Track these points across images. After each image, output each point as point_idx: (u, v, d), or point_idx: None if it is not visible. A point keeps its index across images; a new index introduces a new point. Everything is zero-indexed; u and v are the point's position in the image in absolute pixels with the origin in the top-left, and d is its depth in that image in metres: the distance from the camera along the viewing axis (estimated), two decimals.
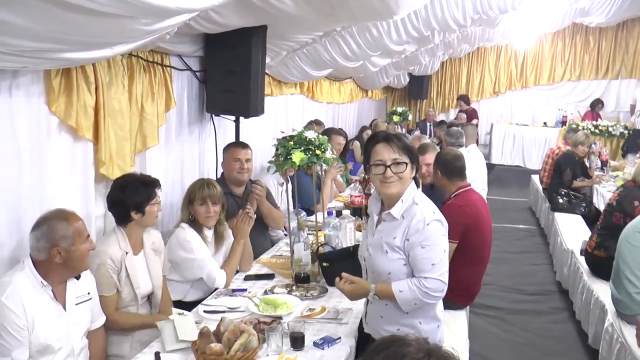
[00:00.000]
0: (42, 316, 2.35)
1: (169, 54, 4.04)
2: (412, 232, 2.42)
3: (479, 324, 4.94)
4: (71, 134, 3.06)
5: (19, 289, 2.31)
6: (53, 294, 2.41)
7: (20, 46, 2.11)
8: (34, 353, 2.31)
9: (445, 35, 8.49)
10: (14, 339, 2.25)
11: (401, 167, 2.41)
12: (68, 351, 2.44)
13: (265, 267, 3.74)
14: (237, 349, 2.28)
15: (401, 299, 2.41)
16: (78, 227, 2.47)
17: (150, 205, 2.94)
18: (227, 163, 4.11)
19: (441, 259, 2.42)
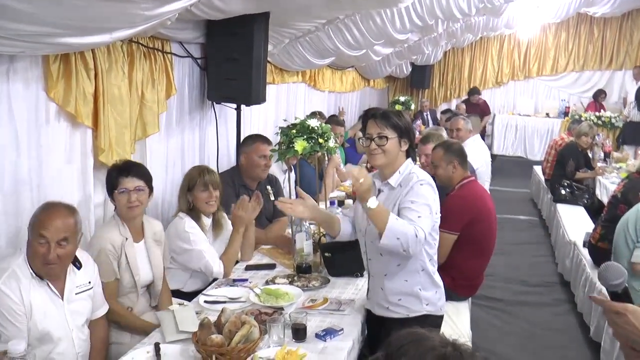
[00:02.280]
0: (39, 304, 2.32)
1: (170, 41, 3.98)
2: (405, 193, 2.52)
3: (480, 315, 4.92)
4: (70, 121, 3.02)
5: (15, 276, 2.28)
6: (49, 285, 2.37)
7: (19, 30, 2.06)
8: (33, 341, 2.28)
9: (448, 24, 8.40)
10: (11, 324, 2.23)
11: (383, 141, 2.55)
12: (68, 340, 2.41)
13: (267, 257, 3.70)
14: (238, 340, 2.25)
15: (392, 224, 2.35)
16: (41, 221, 2.32)
17: (118, 193, 2.83)
18: (251, 157, 4.04)
19: (427, 216, 2.47)
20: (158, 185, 3.94)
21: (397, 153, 2.59)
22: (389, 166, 2.62)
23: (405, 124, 2.61)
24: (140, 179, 2.86)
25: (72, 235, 2.33)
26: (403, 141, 2.60)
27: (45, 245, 2.26)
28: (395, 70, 11.48)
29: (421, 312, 2.63)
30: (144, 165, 3.02)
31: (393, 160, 2.60)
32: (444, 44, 11.03)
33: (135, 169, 2.88)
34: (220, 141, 4.83)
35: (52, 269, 2.31)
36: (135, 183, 2.83)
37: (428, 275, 2.66)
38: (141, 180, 2.86)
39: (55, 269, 2.32)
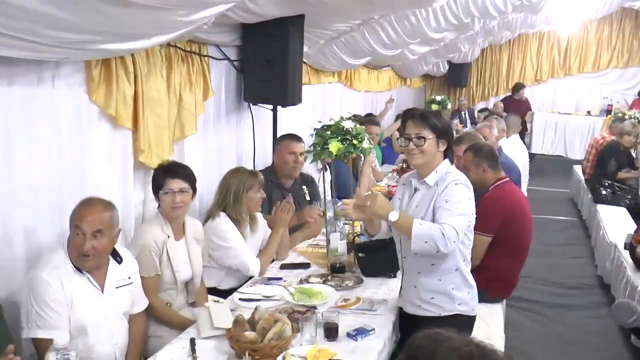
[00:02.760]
0: (79, 295, 2.41)
1: (207, 44, 4.07)
2: (441, 191, 2.56)
3: (515, 317, 4.87)
4: (111, 123, 3.13)
5: (58, 268, 2.39)
6: (90, 277, 2.47)
7: (61, 38, 2.16)
8: (73, 331, 2.37)
9: (485, 22, 8.31)
10: (54, 312, 2.32)
11: (421, 141, 2.59)
12: (107, 332, 2.51)
13: (302, 256, 3.75)
14: (270, 337, 2.30)
15: (417, 230, 2.43)
16: (78, 214, 2.42)
17: (163, 193, 2.93)
18: (281, 155, 4.13)
19: (460, 214, 2.51)
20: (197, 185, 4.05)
21: (434, 153, 2.62)
22: (427, 166, 2.65)
23: (443, 124, 2.64)
24: (185, 181, 2.95)
25: (107, 228, 2.42)
26: (441, 142, 2.63)
27: (81, 236, 2.37)
28: (432, 68, 11.42)
29: (454, 311, 2.65)
30: (189, 167, 3.10)
31: (431, 160, 2.63)
32: (481, 41, 10.91)
33: (181, 171, 2.98)
34: (257, 142, 4.91)
35: (87, 261, 2.40)
36: (180, 185, 2.92)
37: (462, 275, 2.68)
38: (186, 182, 2.96)
39: (91, 261, 2.42)
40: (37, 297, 2.32)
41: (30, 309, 2.32)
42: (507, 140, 5.65)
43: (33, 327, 2.30)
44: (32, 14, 1.91)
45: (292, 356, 2.32)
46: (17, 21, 1.93)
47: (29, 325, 2.32)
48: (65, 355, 1.76)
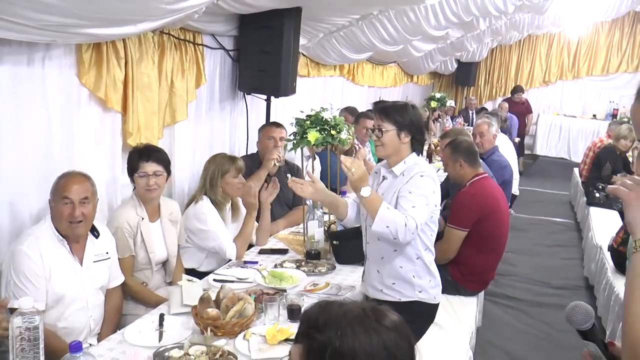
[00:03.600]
0: (58, 267, 2.53)
1: (202, 33, 4.17)
2: (406, 181, 2.65)
3: (497, 313, 4.96)
4: (100, 106, 3.25)
5: (39, 240, 2.51)
6: (70, 249, 2.59)
7: (46, 21, 2.26)
8: (50, 302, 2.50)
9: (491, 21, 8.34)
10: (31, 284, 2.44)
11: (380, 133, 2.72)
12: (82, 304, 2.63)
13: (282, 242, 3.86)
14: (232, 315, 2.42)
15: (382, 212, 2.51)
16: (63, 185, 2.55)
17: (138, 176, 3.05)
18: (262, 141, 4.24)
19: (422, 207, 2.58)
20: (184, 169, 4.17)
21: (397, 145, 2.71)
22: (393, 156, 2.75)
23: (407, 117, 2.71)
24: (159, 164, 3.07)
25: (91, 195, 2.59)
26: (403, 133, 2.70)
27: (70, 205, 2.51)
28: (439, 66, 11.44)
29: (413, 298, 2.74)
30: (163, 151, 3.21)
31: (394, 152, 2.73)
32: (489, 41, 10.92)
33: (155, 154, 3.09)
34: (251, 131, 5.01)
35: (79, 227, 2.55)
36: (154, 168, 3.04)
37: (423, 264, 2.76)
38: (160, 165, 3.07)
39: (82, 227, 2.57)
40: (16, 269, 2.45)
41: (9, 280, 2.45)
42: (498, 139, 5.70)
43: (11, 298, 2.39)
44: None
45: (253, 334, 2.43)
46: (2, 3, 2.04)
47: (6, 295, 2.43)
48: (31, 319, 1.87)
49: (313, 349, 1.27)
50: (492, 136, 5.49)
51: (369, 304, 1.36)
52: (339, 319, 1.27)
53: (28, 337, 1.85)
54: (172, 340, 2.37)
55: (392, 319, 1.31)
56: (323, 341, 1.25)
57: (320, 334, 1.26)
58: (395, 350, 1.26)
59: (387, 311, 1.33)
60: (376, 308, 1.33)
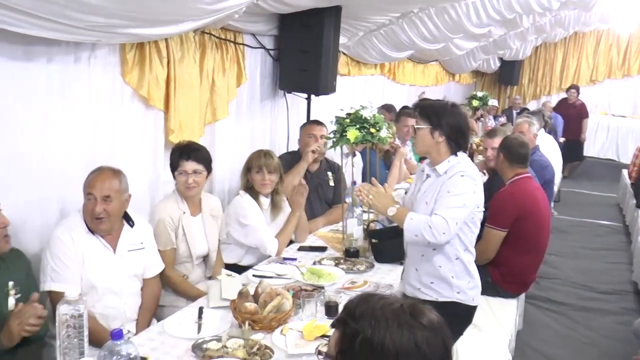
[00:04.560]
0: (91, 255, 2.61)
1: (243, 33, 4.23)
2: (446, 180, 2.64)
3: (538, 316, 4.87)
4: (143, 103, 3.34)
5: (72, 228, 2.61)
6: (102, 239, 2.67)
7: (91, 22, 2.34)
8: (84, 288, 2.57)
9: (535, 18, 8.18)
10: (66, 267, 2.53)
11: (413, 131, 2.79)
12: (116, 292, 2.70)
13: (321, 240, 3.88)
14: (269, 310, 2.44)
15: (408, 225, 2.59)
16: (90, 181, 2.60)
17: (178, 173, 3.11)
18: (302, 139, 4.27)
19: (457, 206, 2.58)
20: (225, 166, 4.24)
21: (430, 143, 2.70)
22: (431, 154, 2.75)
23: (444, 118, 2.69)
24: (199, 163, 3.12)
25: (116, 193, 2.62)
26: (437, 133, 2.69)
27: (93, 201, 2.58)
28: (482, 64, 11.29)
29: (451, 298, 2.71)
30: (204, 149, 3.26)
31: (429, 150, 2.73)
32: (533, 38, 10.70)
33: (195, 153, 3.14)
34: (291, 129, 5.05)
35: (101, 223, 2.60)
36: (193, 166, 3.10)
37: (462, 265, 2.72)
38: (200, 164, 3.12)
39: (104, 223, 2.62)
40: (52, 253, 2.55)
41: (46, 264, 2.55)
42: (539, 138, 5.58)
43: (48, 281, 2.52)
44: None
45: (290, 329, 2.45)
46: (51, 5, 2.13)
47: (44, 279, 2.54)
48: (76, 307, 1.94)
49: (346, 335, 1.31)
50: (533, 135, 5.39)
51: (409, 301, 1.37)
52: (375, 311, 1.30)
53: (74, 325, 1.93)
54: (210, 333, 2.41)
55: (429, 318, 1.32)
56: (356, 329, 1.29)
57: (355, 322, 1.29)
58: (426, 349, 1.27)
59: (426, 310, 1.34)
60: (415, 305, 1.34)
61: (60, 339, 1.94)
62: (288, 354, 2.28)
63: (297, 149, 4.35)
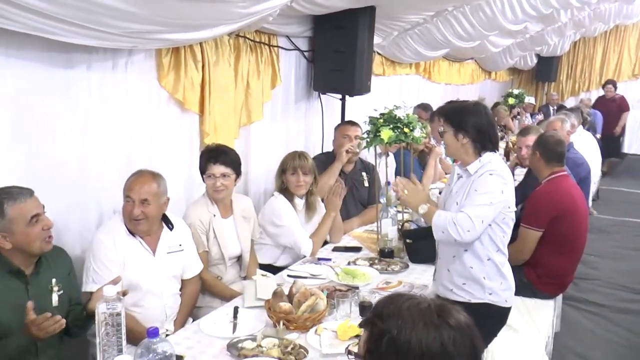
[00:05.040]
0: (132, 257, 2.68)
1: (277, 35, 4.27)
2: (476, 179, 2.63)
3: (576, 318, 4.76)
4: (179, 107, 3.41)
5: (113, 231, 2.68)
6: (142, 240, 2.73)
7: (128, 28, 2.41)
8: (125, 288, 2.57)
9: (573, 13, 8.01)
10: (108, 270, 2.60)
11: (439, 135, 2.78)
12: (157, 293, 2.76)
13: (356, 240, 3.89)
14: (303, 310, 2.47)
15: (435, 221, 2.61)
16: (129, 184, 2.67)
17: (206, 177, 3.14)
18: (337, 139, 4.27)
19: (483, 204, 2.56)
20: (260, 168, 4.29)
21: (456, 145, 2.70)
22: (460, 156, 2.73)
23: (467, 120, 2.67)
24: (227, 166, 3.14)
25: (154, 197, 2.68)
26: (461, 135, 2.67)
27: (132, 203, 2.65)
28: (519, 61, 11.11)
29: (483, 300, 2.68)
30: (234, 152, 3.27)
31: (457, 152, 2.73)
32: (571, 34, 10.47)
33: (223, 156, 3.15)
34: (326, 130, 5.07)
35: (139, 224, 2.67)
36: (221, 170, 3.12)
37: (494, 266, 2.69)
38: (228, 167, 3.14)
39: (142, 225, 2.69)
40: (94, 256, 2.62)
41: (89, 265, 2.63)
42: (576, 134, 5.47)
43: (90, 282, 2.60)
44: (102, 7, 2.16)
45: (325, 329, 2.47)
46: (89, 14, 2.19)
47: (86, 280, 2.62)
48: (114, 306, 2.00)
49: (373, 335, 1.33)
50: (566, 132, 5.28)
51: (438, 301, 1.37)
52: (402, 311, 1.31)
53: (112, 323, 1.98)
54: (245, 332, 2.44)
55: (457, 318, 1.32)
56: (383, 329, 1.30)
57: (382, 323, 1.31)
58: (452, 349, 1.27)
59: (455, 310, 1.34)
60: (443, 305, 1.34)
61: (99, 336, 2.00)
62: (322, 353, 2.30)
63: (332, 150, 4.36)
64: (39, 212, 2.28)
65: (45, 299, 2.33)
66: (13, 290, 2.26)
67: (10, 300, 2.24)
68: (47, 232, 2.31)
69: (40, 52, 2.56)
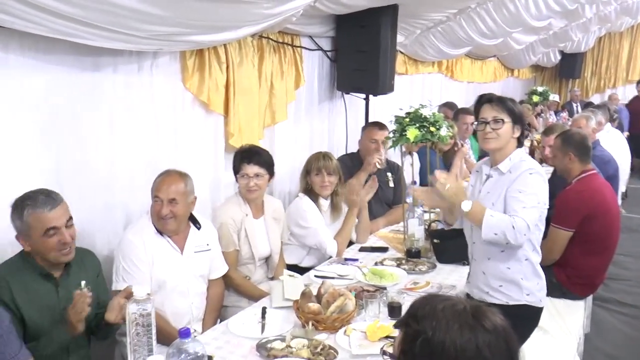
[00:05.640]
0: (160, 256, 2.69)
1: (300, 35, 4.27)
2: (514, 179, 2.54)
3: (608, 319, 4.66)
4: (203, 108, 3.42)
5: (142, 230, 2.70)
6: (170, 240, 2.74)
7: (154, 31, 2.42)
8: (153, 287, 2.65)
9: (598, 8, 7.88)
10: (137, 269, 2.62)
11: (499, 124, 2.58)
12: (183, 291, 2.77)
13: (382, 240, 3.86)
14: (332, 310, 2.45)
15: (488, 221, 2.45)
16: (157, 184, 2.69)
17: (240, 176, 3.15)
18: (364, 142, 4.22)
19: (533, 206, 2.48)
20: (285, 168, 4.28)
21: (509, 138, 2.61)
22: (501, 152, 2.63)
23: (519, 110, 2.64)
24: (261, 166, 3.16)
25: (181, 196, 2.69)
26: (516, 127, 2.61)
27: (160, 203, 2.66)
28: (542, 58, 10.98)
29: (521, 301, 2.62)
30: (267, 152, 3.28)
31: (505, 145, 2.61)
32: (596, 29, 10.30)
33: (256, 157, 3.17)
34: (349, 130, 5.06)
35: (167, 224, 2.69)
36: (255, 170, 3.14)
37: (531, 265, 2.64)
38: (262, 167, 3.16)
39: (171, 224, 2.70)
40: (124, 255, 2.64)
41: (118, 265, 2.65)
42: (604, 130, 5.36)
43: (120, 281, 2.62)
44: (128, 10, 2.17)
45: (354, 330, 2.45)
46: (115, 17, 2.21)
47: (116, 279, 2.64)
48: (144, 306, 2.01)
49: (408, 336, 1.31)
50: (591, 130, 5.19)
51: (474, 303, 1.35)
52: (437, 312, 1.29)
53: (142, 323, 1.99)
54: (273, 333, 2.43)
55: (492, 321, 1.29)
56: (417, 330, 1.29)
57: (417, 324, 1.30)
58: (487, 352, 1.25)
59: (491, 313, 1.31)
60: (479, 307, 1.32)
61: (130, 336, 2.01)
62: (352, 354, 2.28)
63: (357, 150, 4.34)
64: (58, 224, 2.24)
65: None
66: (44, 293, 2.29)
67: (41, 302, 2.27)
68: (64, 246, 2.27)
69: (67, 55, 2.58)
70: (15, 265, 2.28)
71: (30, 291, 2.25)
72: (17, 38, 2.36)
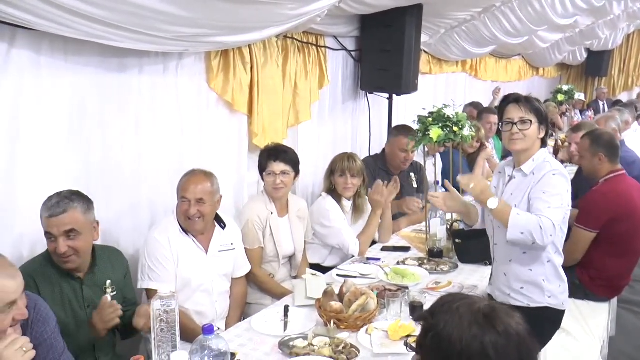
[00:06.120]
0: (185, 255, 2.73)
1: (324, 35, 4.29)
2: (538, 180, 2.52)
3: (633, 322, 4.59)
4: (228, 108, 3.46)
5: (168, 229, 2.73)
6: (194, 239, 2.78)
7: (179, 32, 2.46)
8: (178, 285, 2.69)
9: (627, 4, 7.74)
10: (163, 267, 2.66)
11: (526, 125, 2.55)
12: (207, 290, 2.81)
13: (404, 240, 3.86)
14: (354, 309, 2.47)
15: (514, 220, 2.41)
16: (183, 184, 2.72)
17: (266, 174, 3.17)
18: (392, 148, 4.17)
19: (558, 207, 2.45)
20: (309, 168, 4.30)
21: (535, 139, 2.59)
22: (526, 153, 2.61)
23: (544, 111, 2.63)
24: (287, 164, 3.18)
25: (208, 196, 2.72)
26: (542, 128, 2.60)
27: (187, 203, 2.69)
28: (567, 57, 10.82)
29: (542, 303, 2.59)
30: (292, 151, 3.30)
31: (530, 146, 2.59)
32: (624, 26, 10.12)
33: (283, 155, 3.19)
34: (373, 129, 5.07)
35: (195, 223, 2.72)
36: (281, 168, 3.16)
37: (554, 267, 2.61)
38: (288, 165, 3.18)
39: (198, 224, 2.73)
40: (150, 254, 2.68)
41: (144, 263, 2.69)
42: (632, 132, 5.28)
43: (146, 279, 2.67)
44: (154, 12, 2.21)
45: (375, 329, 2.46)
46: (141, 19, 2.25)
47: (142, 278, 2.69)
48: (168, 303, 2.05)
49: (424, 329, 1.38)
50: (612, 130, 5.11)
51: (493, 304, 1.36)
52: (452, 309, 1.33)
53: (166, 320, 2.02)
54: (296, 331, 2.46)
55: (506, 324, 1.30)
56: (431, 324, 1.34)
57: (432, 318, 1.35)
58: (491, 352, 1.26)
59: (508, 316, 1.32)
60: (495, 308, 1.33)
61: (154, 332, 2.05)
62: (374, 353, 2.30)
63: (382, 151, 4.32)
64: (54, 233, 2.22)
65: (99, 299, 2.36)
66: (68, 291, 2.34)
67: (66, 301, 2.32)
68: (60, 256, 2.25)
69: (94, 57, 2.64)
70: (41, 263, 2.33)
71: (55, 289, 2.31)
72: (48, 40, 2.42)
